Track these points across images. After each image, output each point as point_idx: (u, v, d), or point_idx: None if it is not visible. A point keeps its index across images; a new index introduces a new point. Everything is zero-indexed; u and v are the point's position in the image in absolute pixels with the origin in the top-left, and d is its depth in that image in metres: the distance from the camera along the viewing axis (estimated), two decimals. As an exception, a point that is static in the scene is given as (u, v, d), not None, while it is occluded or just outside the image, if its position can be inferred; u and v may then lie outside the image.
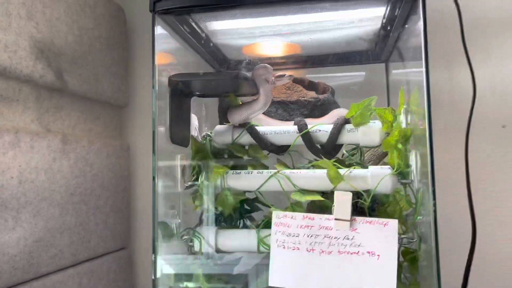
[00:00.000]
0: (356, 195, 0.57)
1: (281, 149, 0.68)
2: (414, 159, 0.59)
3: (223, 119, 0.77)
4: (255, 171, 0.63)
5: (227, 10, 0.61)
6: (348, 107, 0.77)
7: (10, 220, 0.71)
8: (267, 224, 0.62)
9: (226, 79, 0.64)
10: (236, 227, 0.65)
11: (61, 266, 0.83)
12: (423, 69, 0.54)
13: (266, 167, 0.68)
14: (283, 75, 0.65)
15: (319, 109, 0.77)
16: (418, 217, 0.56)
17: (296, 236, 0.52)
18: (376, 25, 0.71)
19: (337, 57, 0.83)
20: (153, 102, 0.59)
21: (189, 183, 0.64)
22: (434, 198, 0.50)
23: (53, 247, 0.81)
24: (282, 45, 0.78)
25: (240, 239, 0.60)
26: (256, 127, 0.68)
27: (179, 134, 0.63)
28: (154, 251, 0.57)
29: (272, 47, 0.79)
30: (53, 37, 0.84)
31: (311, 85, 0.82)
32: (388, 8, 0.62)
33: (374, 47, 0.81)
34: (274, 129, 0.68)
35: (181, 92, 0.62)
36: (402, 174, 0.59)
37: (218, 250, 0.60)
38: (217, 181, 0.61)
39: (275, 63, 0.83)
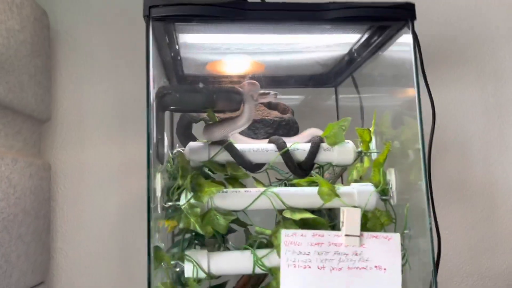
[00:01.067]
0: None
1: (258, 167, 0.67)
2: (392, 177, 0.63)
3: (181, 137, 0.73)
4: (242, 190, 0.61)
5: (218, 22, 0.59)
6: (303, 128, 0.80)
7: None
8: (258, 245, 0.60)
9: (210, 93, 0.61)
10: (216, 248, 0.62)
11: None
12: (416, 93, 0.58)
13: (244, 186, 0.66)
14: (268, 93, 0.64)
15: (283, 129, 0.79)
16: (405, 231, 0.59)
17: (307, 254, 0.51)
18: (342, 51, 0.75)
19: (293, 79, 0.85)
20: (148, 115, 0.54)
21: (170, 203, 0.59)
22: (430, 216, 0.55)
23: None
24: (246, 63, 0.78)
25: (233, 261, 0.57)
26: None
27: (159, 149, 0.58)
28: (150, 280, 0.50)
29: (236, 65, 0.79)
30: (-19, 36, 0.72)
31: (271, 105, 0.83)
32: (365, 35, 0.66)
33: (328, 72, 0.86)
34: (252, 147, 0.67)
35: (161, 106, 0.57)
36: (382, 191, 0.62)
37: (210, 275, 0.56)
38: (206, 200, 0.58)
39: (233, 81, 0.82)
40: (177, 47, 0.67)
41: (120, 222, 0.99)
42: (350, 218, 0.53)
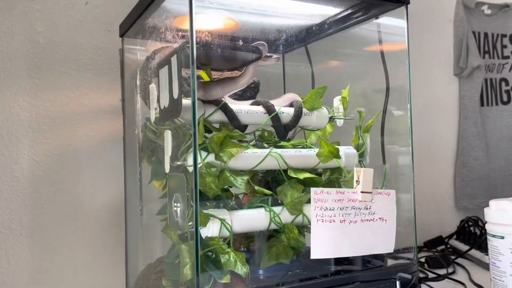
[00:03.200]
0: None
1: (244, 128, 0.68)
2: (368, 141, 0.71)
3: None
4: (250, 151, 0.62)
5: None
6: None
7: None
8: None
9: (222, 51, 0.59)
10: (216, 206, 0.62)
11: None
12: (407, 70, 0.67)
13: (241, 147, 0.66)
14: (271, 56, 0.65)
15: (251, 91, 0.80)
16: (383, 188, 0.69)
17: (332, 210, 0.56)
18: (313, 21, 0.79)
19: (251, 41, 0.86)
20: (192, 70, 0.50)
21: (178, 162, 0.56)
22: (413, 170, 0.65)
23: None
24: (223, 20, 0.76)
25: (252, 219, 0.58)
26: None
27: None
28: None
29: (210, 21, 0.76)
30: None
31: (233, 66, 0.83)
32: (348, 10, 0.72)
33: (280, 39, 0.89)
34: (245, 109, 0.67)
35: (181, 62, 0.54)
36: (361, 153, 0.71)
37: (234, 232, 0.56)
38: (227, 160, 0.57)
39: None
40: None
41: (33, 183, 0.87)
42: (365, 177, 0.59)
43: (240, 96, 0.78)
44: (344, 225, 0.57)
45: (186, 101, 0.62)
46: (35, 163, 0.88)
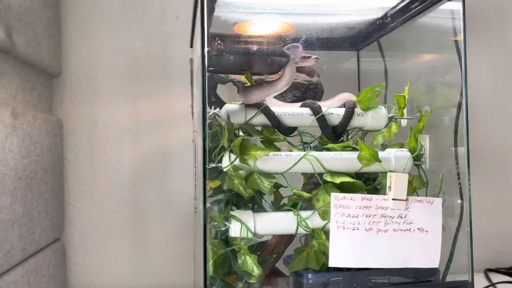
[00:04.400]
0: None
1: (291, 131, 0.68)
2: (426, 143, 0.65)
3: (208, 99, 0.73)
4: (283, 153, 0.62)
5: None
6: (327, 91, 0.81)
7: (-30, 211, 0.57)
8: (295, 205, 0.61)
9: (257, 55, 0.60)
10: (252, 209, 0.63)
11: (12, 263, 0.70)
12: (463, 60, 0.59)
13: (278, 149, 0.67)
14: (310, 57, 0.64)
15: (311, 92, 0.79)
16: (440, 195, 0.62)
17: (356, 217, 0.53)
18: (375, 15, 0.75)
19: (320, 41, 0.85)
20: (204, 79, 0.53)
21: (213, 165, 0.59)
22: (469, 179, 0.57)
23: (6, 243, 0.67)
24: (277, 24, 0.77)
25: (278, 222, 0.59)
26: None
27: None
28: (205, 238, 0.52)
29: (266, 26, 0.77)
30: (2, -15, 0.68)
31: (299, 68, 0.82)
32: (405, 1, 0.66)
33: (354, 36, 0.85)
34: (288, 111, 0.67)
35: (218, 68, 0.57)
36: (418, 157, 0.64)
37: (255, 234, 0.57)
38: (252, 163, 0.58)
39: (259, 42, 0.81)
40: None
41: (132, 180, 0.99)
42: (398, 183, 0.54)
43: (300, 98, 0.78)
44: (370, 234, 0.53)
45: (228, 106, 0.66)
46: (134, 162, 1.00)
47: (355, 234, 0.53)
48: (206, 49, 0.53)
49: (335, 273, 0.60)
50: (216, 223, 0.57)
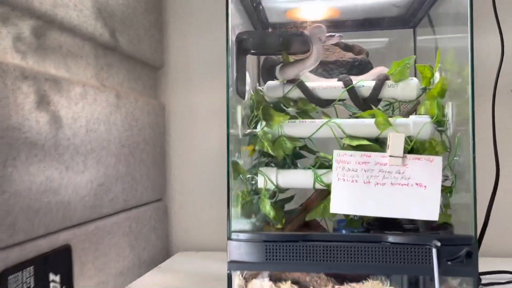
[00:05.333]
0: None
1: (327, 103, 0.76)
2: (449, 110, 0.68)
3: (265, 77, 0.85)
4: (308, 120, 0.72)
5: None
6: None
7: (81, 164, 0.79)
8: (320, 166, 0.71)
9: (282, 38, 0.71)
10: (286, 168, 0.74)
11: (116, 209, 0.92)
12: (469, 33, 0.62)
13: (313, 119, 0.76)
14: (334, 35, 0.73)
15: (356, 69, 0.86)
16: (455, 158, 0.65)
17: (355, 171, 0.61)
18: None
19: (369, 22, 0.91)
20: (228, 61, 0.67)
21: (248, 130, 0.72)
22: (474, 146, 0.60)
23: (111, 192, 0.89)
24: (322, 9, 0.86)
25: (297, 177, 0.69)
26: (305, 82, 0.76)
27: (240, 87, 0.71)
28: (228, 187, 0.65)
29: (313, 11, 0.87)
30: (107, -2, 0.90)
31: (347, 47, 0.90)
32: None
33: (405, 14, 0.89)
34: (322, 84, 0.76)
35: (241, 50, 0.69)
36: (438, 122, 0.68)
37: (278, 187, 0.69)
38: (276, 128, 0.70)
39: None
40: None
41: (220, 154, 1.17)
42: (394, 141, 0.60)
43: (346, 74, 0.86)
44: (368, 186, 0.60)
45: (269, 83, 0.78)
46: (221, 140, 1.18)
47: (354, 186, 0.61)
48: (230, 34, 0.66)
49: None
50: (248, 176, 0.70)
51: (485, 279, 0.85)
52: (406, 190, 0.60)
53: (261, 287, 0.63)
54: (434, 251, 0.58)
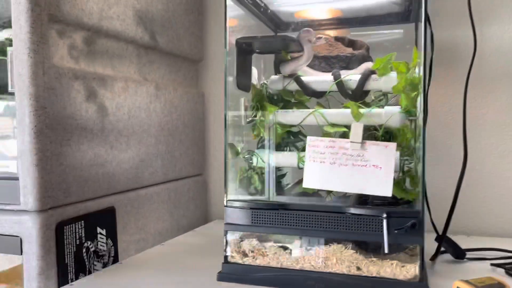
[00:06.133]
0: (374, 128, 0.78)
1: (319, 94, 0.89)
2: (419, 101, 0.77)
3: (277, 71, 0.98)
4: (297, 110, 0.85)
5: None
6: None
7: (124, 144, 0.99)
8: (304, 149, 0.84)
9: (278, 41, 0.84)
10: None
11: (156, 181, 1.12)
12: (422, 28, 0.71)
13: (308, 108, 0.89)
14: (321, 37, 0.84)
15: (354, 63, 0.96)
16: (417, 144, 0.75)
17: (323, 154, 0.74)
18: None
19: (373, 19, 1.00)
20: (225, 58, 0.82)
21: (250, 118, 0.87)
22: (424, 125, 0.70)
23: (151, 167, 1.09)
24: (327, 10, 0.97)
25: (285, 158, 0.84)
26: (301, 77, 0.89)
27: (243, 82, 0.86)
28: (225, 165, 0.81)
29: (319, 12, 0.98)
30: (148, 6, 1.08)
31: (351, 43, 1.00)
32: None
33: (405, 10, 0.97)
34: (315, 78, 0.88)
35: (245, 50, 0.84)
36: (410, 112, 0.78)
37: (269, 165, 0.84)
38: (270, 117, 0.84)
39: (322, 24, 1.02)
40: (262, 4, 0.91)
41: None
42: (355, 129, 0.72)
43: (345, 68, 0.97)
44: (333, 166, 0.72)
45: (272, 77, 0.92)
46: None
47: (322, 166, 0.73)
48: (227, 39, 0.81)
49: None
50: (247, 156, 0.85)
51: (473, 255, 0.93)
52: (364, 170, 0.71)
53: (250, 245, 0.79)
54: (384, 221, 0.69)
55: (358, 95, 0.86)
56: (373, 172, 0.71)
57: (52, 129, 0.80)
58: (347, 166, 0.72)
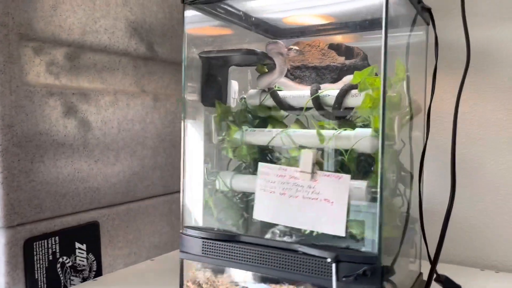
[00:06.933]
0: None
1: (296, 110, 0.80)
2: (395, 124, 0.66)
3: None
4: (266, 130, 0.77)
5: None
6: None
7: (112, 158, 0.99)
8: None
9: (241, 55, 0.78)
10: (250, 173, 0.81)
11: (153, 194, 1.10)
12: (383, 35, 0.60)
13: (286, 126, 0.81)
14: (291, 48, 0.76)
15: (345, 74, 0.86)
16: (391, 174, 0.64)
17: (273, 183, 0.66)
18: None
19: (369, 22, 0.88)
20: (183, 73, 0.77)
21: (219, 137, 0.81)
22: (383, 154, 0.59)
23: (147, 180, 1.08)
24: (314, 15, 0.88)
25: (248, 182, 0.76)
26: (278, 91, 0.81)
27: (209, 98, 0.80)
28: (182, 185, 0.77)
29: (308, 17, 0.89)
30: (145, 17, 1.06)
31: (347, 50, 0.89)
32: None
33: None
34: (292, 93, 0.79)
35: (210, 64, 0.78)
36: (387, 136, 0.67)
37: (232, 189, 0.77)
38: (234, 137, 0.77)
39: (310, 30, 0.93)
40: (241, 13, 0.85)
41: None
42: (304, 158, 0.62)
43: (336, 79, 0.87)
44: (283, 197, 0.63)
45: (249, 91, 0.85)
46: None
47: (272, 196, 0.65)
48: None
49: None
50: (213, 179, 0.80)
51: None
52: (315, 205, 0.62)
53: (204, 276, 0.73)
54: (333, 265, 0.59)
55: (335, 113, 0.76)
56: (324, 207, 0.62)
57: (21, 147, 0.81)
58: (297, 198, 0.64)
